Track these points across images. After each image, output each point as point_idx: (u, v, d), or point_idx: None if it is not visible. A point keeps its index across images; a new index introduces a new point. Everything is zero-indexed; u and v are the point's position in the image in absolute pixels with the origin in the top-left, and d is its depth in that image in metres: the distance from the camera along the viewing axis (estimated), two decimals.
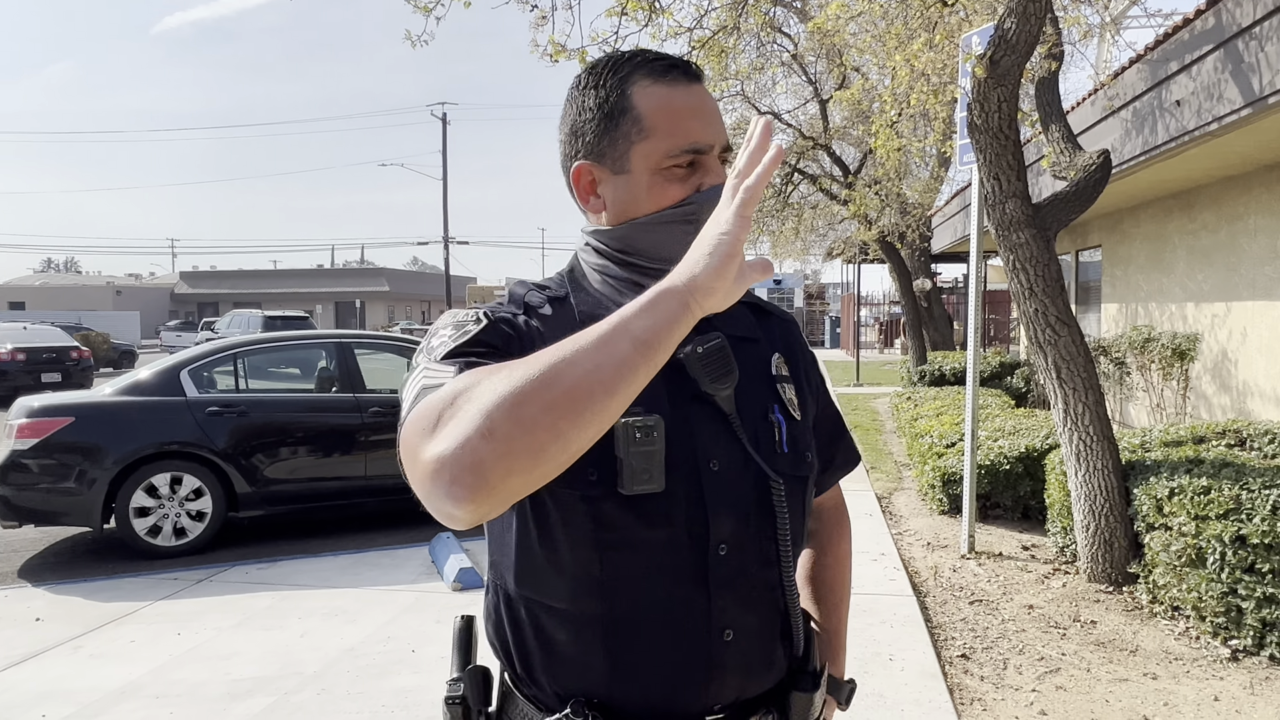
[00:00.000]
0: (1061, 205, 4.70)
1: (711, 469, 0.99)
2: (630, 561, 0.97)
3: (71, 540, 6.24)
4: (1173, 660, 3.69)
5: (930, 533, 5.87)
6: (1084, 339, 4.66)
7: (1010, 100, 4.38)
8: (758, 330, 1.12)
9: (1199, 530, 3.79)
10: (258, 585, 4.99)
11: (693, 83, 1.04)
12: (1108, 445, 4.48)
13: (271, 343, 6.83)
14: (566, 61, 4.06)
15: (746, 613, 1.01)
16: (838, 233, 18.31)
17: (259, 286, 52.31)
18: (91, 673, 3.76)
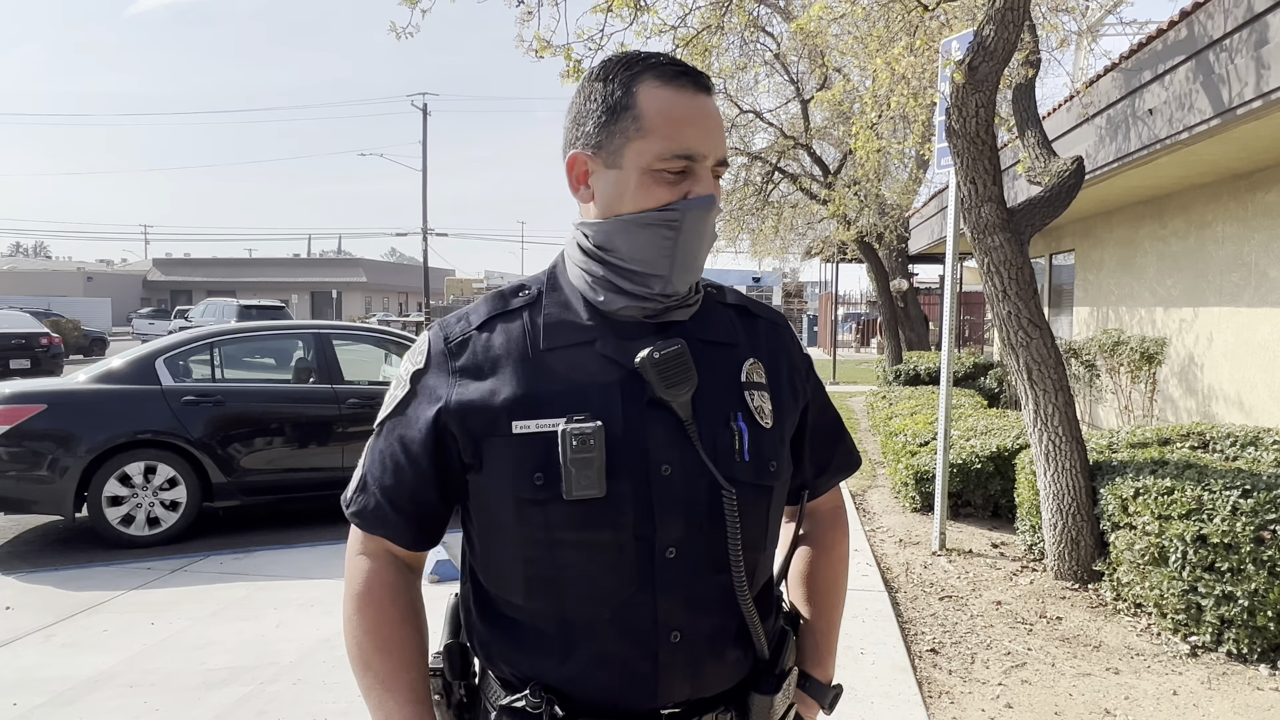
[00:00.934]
0: (1036, 210, 4.78)
1: (663, 474, 1.01)
2: (580, 562, 1.01)
3: (43, 529, 6.17)
4: (1134, 656, 3.79)
5: (902, 530, 5.95)
6: (1055, 342, 4.75)
7: (988, 106, 4.44)
8: (737, 334, 1.12)
9: (1162, 530, 3.89)
10: (233, 576, 4.97)
11: (700, 92, 1.05)
12: (1076, 446, 4.57)
13: (249, 332, 6.78)
14: (551, 58, 4.07)
15: (697, 616, 1.03)
16: (816, 232, 18.44)
17: (234, 275, 51.70)
18: (64, 661, 3.74)
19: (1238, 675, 3.58)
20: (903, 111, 7.09)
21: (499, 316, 1.09)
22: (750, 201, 14.09)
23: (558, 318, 1.07)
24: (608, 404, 1.01)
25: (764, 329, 1.16)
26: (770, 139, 13.60)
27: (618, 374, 1.02)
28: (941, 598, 4.56)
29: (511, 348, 1.05)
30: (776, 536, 1.16)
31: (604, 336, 1.05)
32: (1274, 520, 3.58)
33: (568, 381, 1.03)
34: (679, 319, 1.08)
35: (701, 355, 1.05)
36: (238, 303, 23.44)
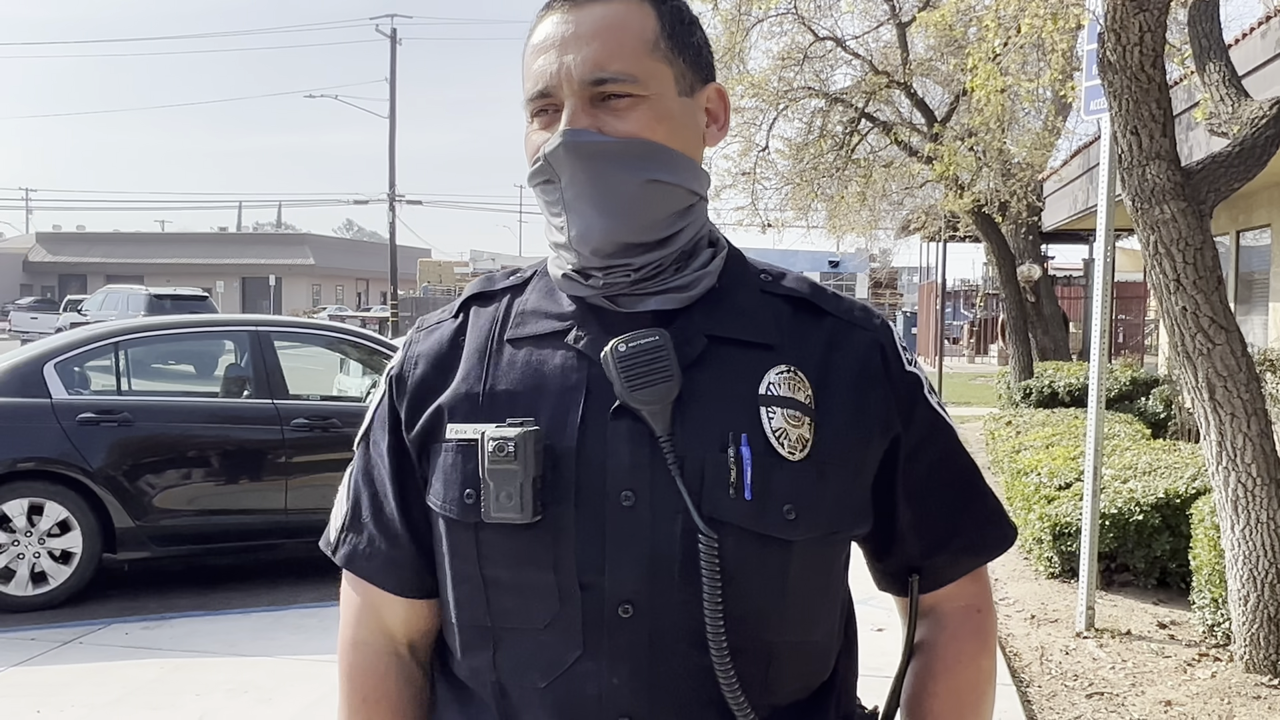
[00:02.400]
0: (1221, 170, 4.73)
1: (622, 503, 1.00)
2: (517, 610, 1.03)
3: None
4: None
5: (1035, 603, 5.91)
6: (1246, 349, 4.69)
7: (1156, 30, 4.41)
8: (775, 333, 1.08)
9: None
10: (142, 650, 5.04)
11: (566, 3, 1.07)
12: (1276, 490, 4.51)
13: (164, 329, 6.89)
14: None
15: (659, 705, 1.00)
16: (917, 200, 18.39)
17: (141, 255, 52.63)
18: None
19: None
20: (1036, 38, 7.07)
21: (476, 298, 1.15)
22: (828, 159, 14.08)
23: (535, 304, 1.11)
24: (565, 408, 1.02)
25: (829, 329, 1.11)
26: (857, 75, 13.60)
27: (586, 373, 1.04)
28: (1090, 695, 4.52)
29: (476, 338, 1.11)
30: (828, 620, 1.11)
31: (584, 326, 1.07)
32: None
33: (528, 380, 1.06)
34: (672, 307, 1.07)
35: (708, 356, 1.05)
36: (147, 291, 23.90)
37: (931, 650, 1.16)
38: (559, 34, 1.05)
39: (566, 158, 1.03)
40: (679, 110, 1.09)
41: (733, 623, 0.98)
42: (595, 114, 1.04)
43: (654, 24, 1.08)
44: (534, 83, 1.06)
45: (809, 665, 1.08)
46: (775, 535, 1.00)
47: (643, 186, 1.04)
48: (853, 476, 1.06)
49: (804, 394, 1.04)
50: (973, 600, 1.19)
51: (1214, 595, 5.06)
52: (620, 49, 1.05)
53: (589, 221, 1.04)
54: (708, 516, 0.97)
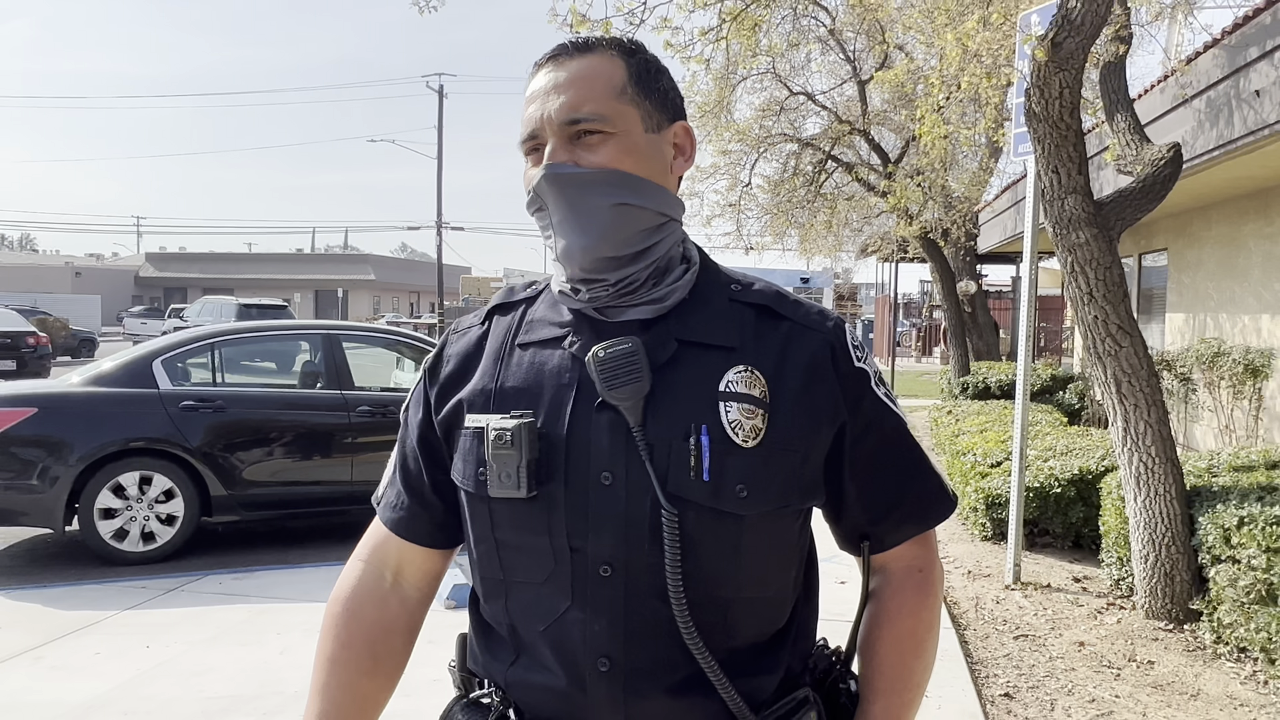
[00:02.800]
0: (1127, 203, 4.72)
1: (602, 482, 1.01)
2: (521, 567, 1.05)
3: (30, 543, 6.33)
4: (1238, 707, 3.72)
5: (971, 560, 5.90)
6: (1148, 350, 4.68)
7: (1073, 86, 4.40)
8: (740, 338, 1.07)
9: (1271, 564, 3.81)
10: (233, 597, 5.06)
11: (548, 64, 1.09)
12: (1171, 468, 4.50)
13: (252, 333, 6.91)
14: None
15: (631, 647, 1.01)
16: (874, 227, 18.35)
17: (232, 271, 52.67)
18: (54, 686, 3.83)
19: None
20: (974, 93, 7.05)
21: (499, 308, 1.17)
22: (800, 193, 14.05)
23: (542, 314, 1.13)
24: (559, 403, 1.04)
25: (786, 332, 1.09)
26: (823, 123, 13.58)
27: (578, 373, 1.04)
28: (1016, 637, 4.51)
29: (495, 342, 1.13)
30: (781, 579, 1.09)
31: (578, 333, 1.07)
32: None
33: (530, 379, 1.07)
34: (645, 316, 1.07)
35: (678, 358, 1.04)
36: (237, 301, 23.91)
37: (880, 602, 1.16)
38: (544, 85, 1.07)
39: (549, 187, 1.04)
40: (645, 144, 1.08)
41: (693, 582, 0.99)
42: (572, 149, 1.04)
43: (622, 73, 1.08)
44: (525, 127, 1.08)
45: (764, 615, 1.07)
46: (729, 511, 1.01)
47: (613, 209, 1.04)
48: (801, 460, 1.05)
49: (759, 389, 1.03)
50: (915, 561, 1.16)
51: (1119, 555, 5.05)
52: (591, 94, 1.05)
53: (570, 239, 1.05)
54: (671, 494, 0.99)
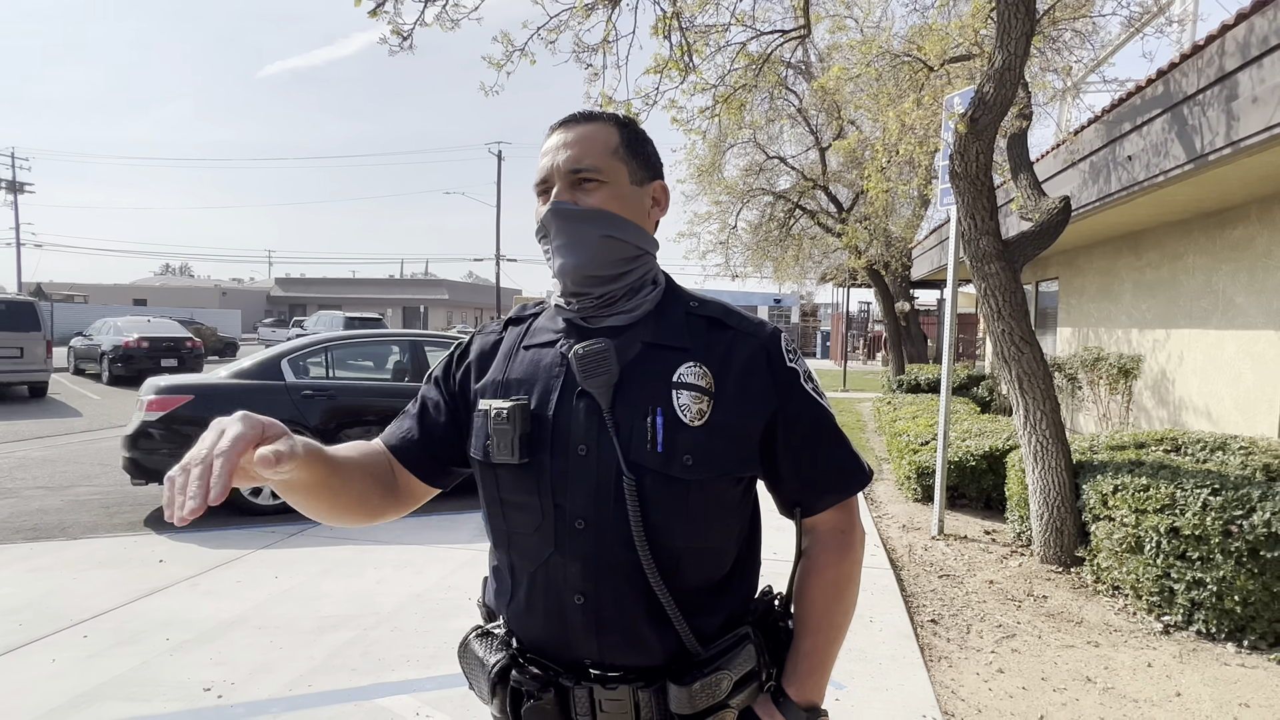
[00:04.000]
0: (1028, 242, 4.68)
1: (579, 453, 1.00)
2: (518, 520, 1.05)
3: None
4: (1113, 631, 3.68)
5: (906, 517, 5.86)
6: (1044, 357, 4.64)
7: (987, 152, 4.37)
8: (688, 340, 1.05)
9: (1138, 522, 3.77)
10: (340, 540, 5.08)
11: (562, 127, 1.09)
12: (1061, 447, 4.46)
13: (355, 339, 6.94)
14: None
15: (601, 585, 0.99)
16: (831, 260, 18.20)
17: (340, 292, 52.89)
18: (206, 606, 3.86)
19: (1206, 652, 3.45)
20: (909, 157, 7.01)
21: (513, 320, 1.18)
22: (775, 234, 14.01)
23: (543, 324, 1.13)
24: (548, 391, 1.04)
25: (731, 339, 1.06)
26: (792, 180, 13.53)
27: (565, 368, 1.05)
28: (940, 576, 4.47)
29: (507, 345, 1.13)
30: (723, 534, 1.05)
31: (568, 337, 1.07)
32: (1240, 516, 3.45)
33: (529, 372, 1.08)
34: (619, 324, 1.06)
35: (642, 356, 1.03)
36: (344, 315, 23.97)
37: (810, 557, 1.12)
38: (556, 143, 1.07)
39: (553, 219, 1.05)
40: (630, 194, 1.08)
41: (653, 533, 0.98)
42: (573, 193, 1.05)
43: (616, 138, 1.08)
44: (539, 174, 1.08)
45: (709, 564, 1.04)
46: (677, 476, 0.99)
47: (601, 239, 1.04)
48: (739, 438, 1.03)
49: (706, 381, 1.02)
50: (839, 524, 1.12)
51: (1020, 514, 5.01)
52: (591, 151, 1.06)
53: (567, 260, 1.05)
54: (631, 462, 0.98)
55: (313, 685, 3.04)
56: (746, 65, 5.97)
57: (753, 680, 1.04)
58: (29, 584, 4.14)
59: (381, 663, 3.23)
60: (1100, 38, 7.25)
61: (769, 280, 18.16)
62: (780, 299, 39.38)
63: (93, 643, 3.40)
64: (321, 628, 3.60)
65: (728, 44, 5.18)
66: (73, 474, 7.16)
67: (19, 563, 4.52)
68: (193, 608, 3.83)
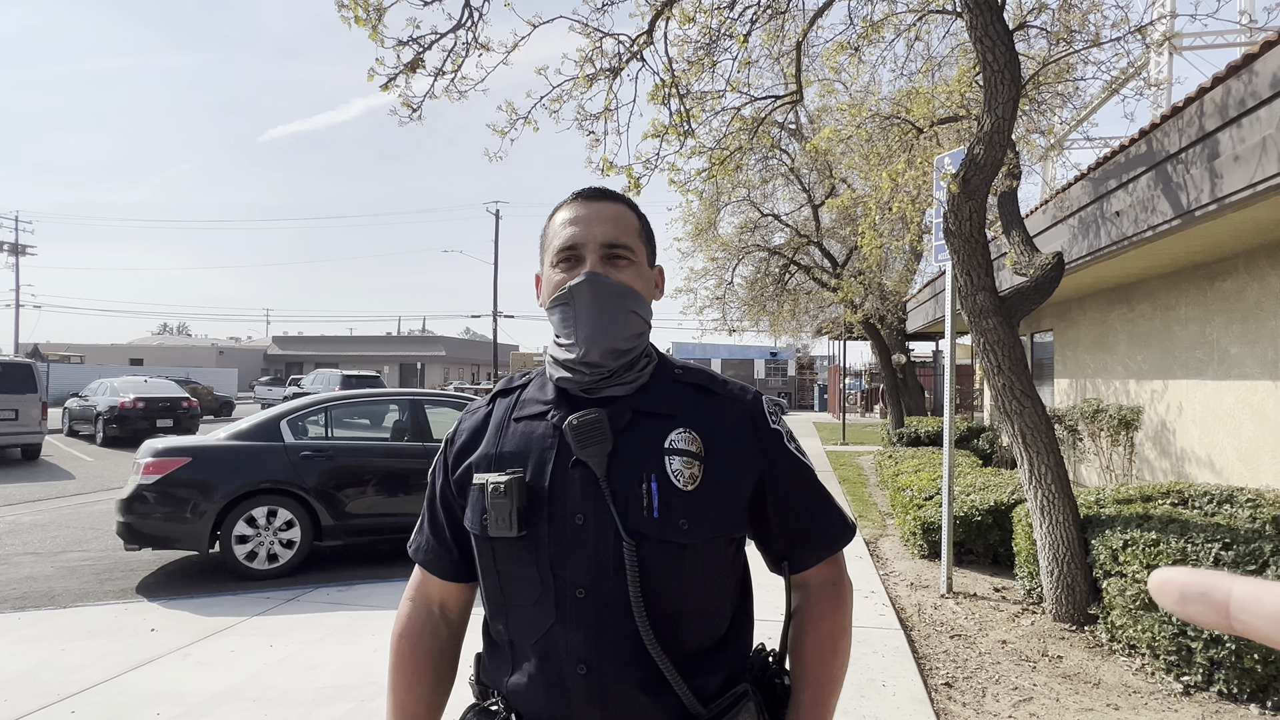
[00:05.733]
0: (1024, 298, 4.74)
1: (576, 522, 1.00)
2: (517, 592, 1.03)
3: (180, 562, 6.25)
4: (1131, 693, 3.58)
5: (913, 574, 5.76)
6: (1045, 410, 4.65)
7: (980, 211, 4.47)
8: (678, 407, 1.07)
9: None
10: (337, 605, 4.97)
11: (588, 201, 1.11)
12: (1068, 501, 4.43)
13: (355, 399, 6.92)
14: (615, 176, 4.23)
15: (603, 655, 0.98)
16: (826, 314, 18.41)
17: (337, 350, 52.99)
18: (198, 677, 3.75)
19: (1229, 714, 3.36)
20: (901, 214, 7.16)
21: (501, 394, 1.18)
22: (770, 289, 14.18)
23: (531, 395, 1.13)
24: (543, 462, 1.04)
25: (717, 405, 1.09)
26: (786, 237, 13.77)
27: (558, 438, 1.05)
28: (952, 636, 4.37)
29: (496, 418, 1.13)
30: (720, 594, 1.06)
31: (558, 409, 1.07)
32: (1254, 571, 3.40)
33: (522, 445, 1.07)
34: (618, 394, 1.07)
35: (633, 424, 1.04)
36: (341, 373, 23.96)
37: (803, 612, 1.13)
38: (583, 214, 1.10)
39: (588, 288, 1.05)
40: (645, 274, 1.12)
41: (650, 598, 0.98)
42: (605, 266, 1.08)
43: (636, 221, 1.13)
44: (564, 241, 1.08)
45: (708, 625, 1.05)
46: (674, 540, 0.99)
47: (626, 313, 1.07)
48: (729, 500, 1.04)
49: (696, 446, 1.04)
50: (829, 577, 1.13)
51: (1029, 570, 4.93)
52: (624, 231, 1.10)
53: (593, 331, 1.05)
54: (629, 529, 0.98)
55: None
56: (741, 128, 6.15)
57: None
58: (16, 656, 4.02)
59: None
60: (1080, 99, 7.51)
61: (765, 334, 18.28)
62: (776, 352, 39.60)
63: (80, 719, 3.28)
64: (318, 699, 3.48)
65: (723, 109, 5.35)
66: (64, 539, 7.03)
67: (7, 633, 4.40)
68: (184, 679, 3.71)
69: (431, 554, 1.17)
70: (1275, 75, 4.00)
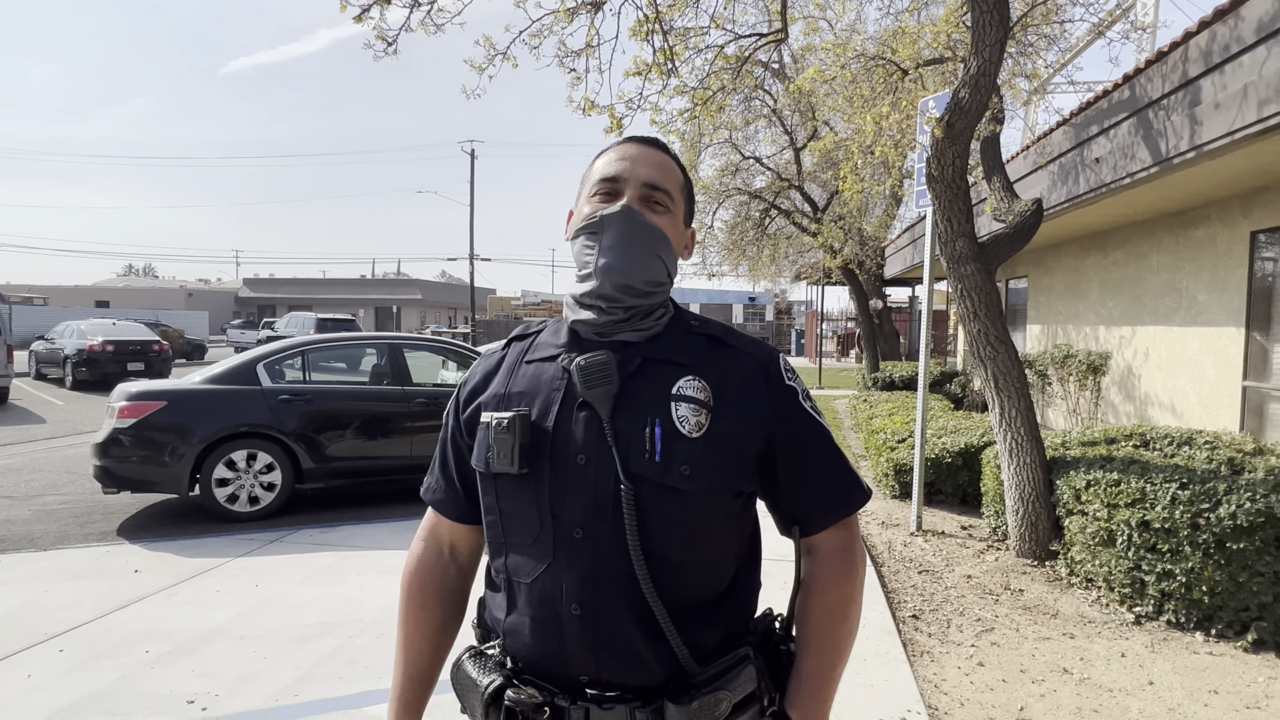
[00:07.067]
0: (1002, 244, 4.78)
1: (578, 463, 0.99)
2: (515, 530, 1.04)
3: (161, 505, 6.25)
4: (1087, 623, 3.78)
5: (884, 513, 5.94)
6: (1018, 356, 4.74)
7: (963, 157, 4.46)
8: (691, 356, 1.06)
9: (1110, 516, 3.88)
10: (321, 546, 5.02)
11: (637, 144, 1.12)
12: (1036, 444, 4.56)
13: (333, 342, 6.84)
14: (596, 116, 4.14)
15: (598, 596, 0.98)
16: (805, 259, 18.42)
17: (311, 292, 52.04)
18: (185, 616, 3.79)
19: (1176, 641, 3.57)
20: (883, 159, 7.11)
21: (516, 338, 1.19)
22: (750, 234, 14.11)
23: (546, 339, 1.14)
24: (549, 402, 1.04)
25: (730, 357, 1.08)
26: (768, 180, 13.63)
27: (566, 380, 1.05)
28: (920, 571, 4.55)
29: (509, 361, 1.14)
30: (721, 548, 1.04)
31: (569, 351, 1.08)
32: (1208, 509, 3.56)
33: (530, 385, 1.08)
34: (631, 340, 1.06)
35: (642, 369, 1.04)
36: (316, 316, 23.60)
37: (812, 577, 1.09)
38: (631, 153, 1.10)
39: (621, 220, 1.05)
40: (679, 228, 1.12)
41: (649, 543, 0.97)
42: (641, 206, 1.08)
43: (681, 178, 1.14)
44: (607, 170, 1.09)
45: (707, 577, 1.03)
46: (674, 486, 0.99)
47: (652, 255, 1.07)
48: (736, 451, 1.03)
49: (705, 394, 1.03)
50: (840, 542, 1.10)
51: (996, 509, 5.11)
52: (667, 178, 1.11)
53: (613, 262, 1.04)
54: (630, 472, 0.98)
55: (299, 695, 3.01)
56: (724, 67, 6.01)
57: (753, 704, 1.02)
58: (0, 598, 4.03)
59: (368, 671, 3.21)
60: (1066, 41, 7.42)
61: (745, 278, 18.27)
62: (755, 297, 39.70)
63: (69, 657, 3.32)
64: (306, 636, 3.56)
65: (707, 47, 5.21)
66: (39, 483, 6.98)
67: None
68: (171, 618, 3.76)
69: (441, 495, 1.18)
70: (1262, 20, 3.97)
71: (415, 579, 1.18)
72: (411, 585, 1.18)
